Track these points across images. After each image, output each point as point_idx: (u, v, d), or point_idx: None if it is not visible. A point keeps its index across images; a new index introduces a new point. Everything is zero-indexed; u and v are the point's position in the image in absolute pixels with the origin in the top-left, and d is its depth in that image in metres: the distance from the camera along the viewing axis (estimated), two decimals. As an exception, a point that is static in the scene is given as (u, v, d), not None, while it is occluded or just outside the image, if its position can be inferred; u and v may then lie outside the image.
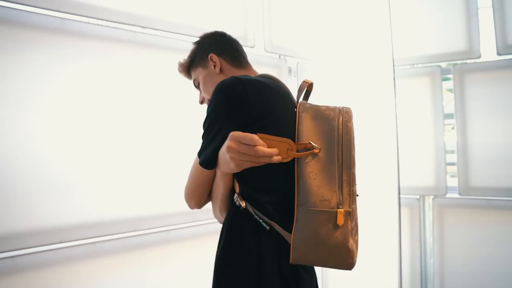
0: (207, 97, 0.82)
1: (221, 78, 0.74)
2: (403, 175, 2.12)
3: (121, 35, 1.26)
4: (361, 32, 1.99)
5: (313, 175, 0.59)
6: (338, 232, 0.57)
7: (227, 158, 0.59)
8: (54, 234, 1.12)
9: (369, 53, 2.01)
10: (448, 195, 2.05)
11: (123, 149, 1.24)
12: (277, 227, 0.62)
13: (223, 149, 0.61)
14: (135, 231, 1.29)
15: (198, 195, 0.73)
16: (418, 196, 2.17)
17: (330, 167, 0.59)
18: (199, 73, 0.84)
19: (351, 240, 0.58)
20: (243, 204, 0.64)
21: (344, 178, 0.60)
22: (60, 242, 1.15)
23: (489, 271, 1.90)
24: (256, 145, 0.56)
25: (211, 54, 0.81)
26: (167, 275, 1.35)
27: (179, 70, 0.88)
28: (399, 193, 2.11)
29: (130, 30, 1.27)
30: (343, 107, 0.65)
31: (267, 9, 1.69)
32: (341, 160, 0.60)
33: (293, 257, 0.60)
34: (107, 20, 1.20)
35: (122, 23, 1.24)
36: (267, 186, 0.65)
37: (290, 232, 0.60)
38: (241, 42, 1.54)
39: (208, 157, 0.65)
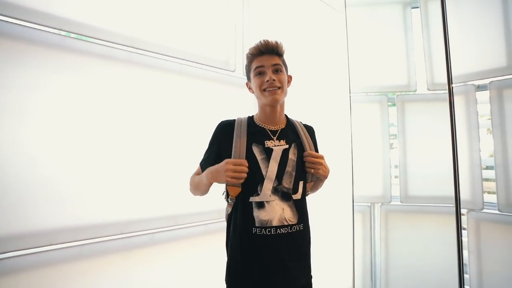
0: (279, 85, 1.04)
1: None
2: (357, 185, 2.46)
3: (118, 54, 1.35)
4: (325, 66, 2.33)
5: None
6: None
7: None
8: (44, 237, 1.16)
9: (331, 83, 2.35)
10: (392, 203, 2.43)
11: (113, 155, 1.31)
12: None
13: None
14: (121, 234, 1.37)
15: None
16: (369, 204, 2.52)
17: None
18: (284, 72, 1.08)
19: None
20: None
21: None
22: (50, 245, 1.19)
23: (423, 263, 2.28)
24: None
25: (290, 76, 1.16)
26: (152, 276, 1.44)
27: (278, 44, 1.05)
28: (353, 201, 2.43)
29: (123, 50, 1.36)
30: None
31: (246, 39, 1.91)
32: None
33: None
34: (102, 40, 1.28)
35: (116, 43, 1.33)
36: None
37: None
38: (223, 66, 1.69)
39: None
